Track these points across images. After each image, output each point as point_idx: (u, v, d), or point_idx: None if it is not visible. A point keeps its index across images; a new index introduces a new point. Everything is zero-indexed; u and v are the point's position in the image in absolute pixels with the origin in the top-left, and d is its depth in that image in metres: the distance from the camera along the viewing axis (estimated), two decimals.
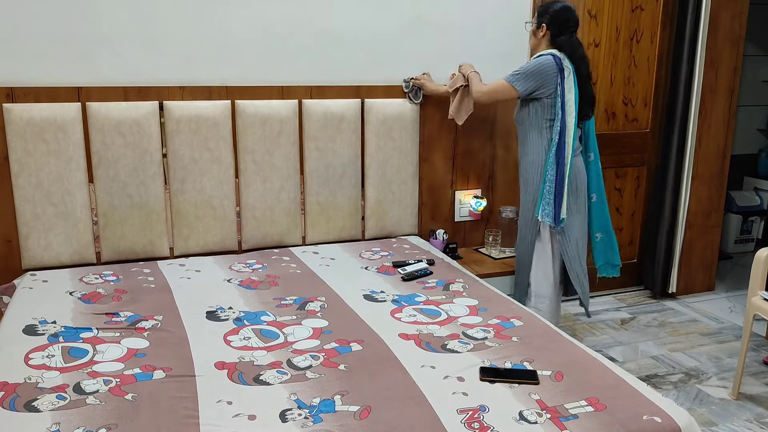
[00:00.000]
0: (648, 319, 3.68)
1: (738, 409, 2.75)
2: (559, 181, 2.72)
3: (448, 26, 3.32)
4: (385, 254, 3.03)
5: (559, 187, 2.72)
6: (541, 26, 2.78)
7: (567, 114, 2.68)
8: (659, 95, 3.85)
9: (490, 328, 2.18)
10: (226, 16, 2.94)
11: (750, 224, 4.84)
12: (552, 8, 2.77)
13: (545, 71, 2.69)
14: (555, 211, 2.73)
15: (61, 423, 1.60)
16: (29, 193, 2.72)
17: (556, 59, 2.70)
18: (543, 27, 2.77)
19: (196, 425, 1.61)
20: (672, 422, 1.62)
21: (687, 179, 3.81)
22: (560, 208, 2.73)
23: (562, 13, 2.76)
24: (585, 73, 2.78)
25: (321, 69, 3.13)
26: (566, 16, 2.76)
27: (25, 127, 2.66)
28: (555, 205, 2.73)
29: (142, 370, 1.88)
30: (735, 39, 3.77)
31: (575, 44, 2.75)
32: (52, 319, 2.22)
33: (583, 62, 2.77)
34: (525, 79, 2.72)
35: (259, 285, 2.60)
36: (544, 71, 2.69)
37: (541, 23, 2.78)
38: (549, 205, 2.74)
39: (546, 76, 2.69)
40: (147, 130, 2.82)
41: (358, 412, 1.66)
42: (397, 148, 3.25)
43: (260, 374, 1.86)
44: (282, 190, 3.08)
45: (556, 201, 2.73)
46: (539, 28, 2.79)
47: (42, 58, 2.73)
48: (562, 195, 2.72)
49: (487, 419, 1.63)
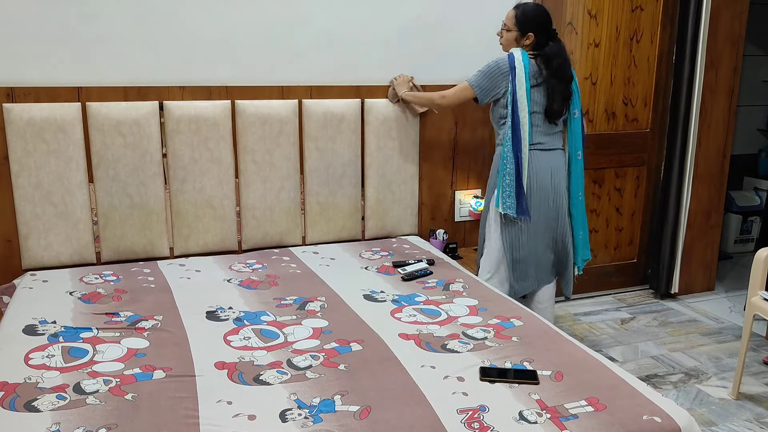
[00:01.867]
0: (648, 319, 3.68)
1: (738, 409, 2.75)
2: (519, 174, 2.70)
3: (447, 26, 3.32)
4: (385, 254, 3.03)
5: (520, 179, 2.70)
6: (528, 35, 2.71)
7: (519, 110, 2.68)
8: (659, 95, 3.85)
9: (490, 328, 2.18)
10: (226, 16, 2.94)
11: (750, 224, 4.84)
12: (539, 14, 2.72)
13: (497, 71, 2.70)
14: (517, 202, 2.70)
15: (61, 423, 1.60)
16: (29, 193, 2.72)
17: (510, 58, 2.69)
18: (530, 35, 2.71)
19: (196, 425, 1.61)
20: (672, 422, 1.62)
21: (687, 179, 3.81)
22: (522, 199, 2.70)
23: (547, 18, 2.73)
24: (563, 76, 2.71)
25: (321, 69, 3.13)
26: (547, 17, 2.73)
27: (25, 127, 2.66)
28: (517, 196, 2.70)
29: (142, 370, 1.88)
30: (735, 39, 3.77)
31: (559, 50, 2.72)
32: (52, 319, 2.22)
33: (567, 64, 2.73)
34: (480, 78, 2.73)
35: (259, 285, 2.60)
36: (496, 71, 2.70)
37: (528, 32, 2.72)
38: (510, 197, 2.71)
39: (498, 76, 2.70)
40: (147, 130, 2.82)
41: (358, 412, 1.66)
42: (397, 148, 3.25)
43: (260, 374, 1.86)
44: (282, 190, 3.08)
45: (518, 192, 2.70)
46: (524, 37, 2.73)
47: (42, 58, 2.73)
48: (522, 187, 2.70)
49: (487, 419, 1.63)
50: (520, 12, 2.75)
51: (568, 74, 2.73)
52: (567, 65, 2.74)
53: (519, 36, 2.74)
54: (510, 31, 2.77)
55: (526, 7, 2.76)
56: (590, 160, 3.80)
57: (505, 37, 2.80)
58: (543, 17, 2.73)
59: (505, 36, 2.79)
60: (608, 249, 3.98)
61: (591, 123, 3.75)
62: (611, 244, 3.98)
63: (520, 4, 2.79)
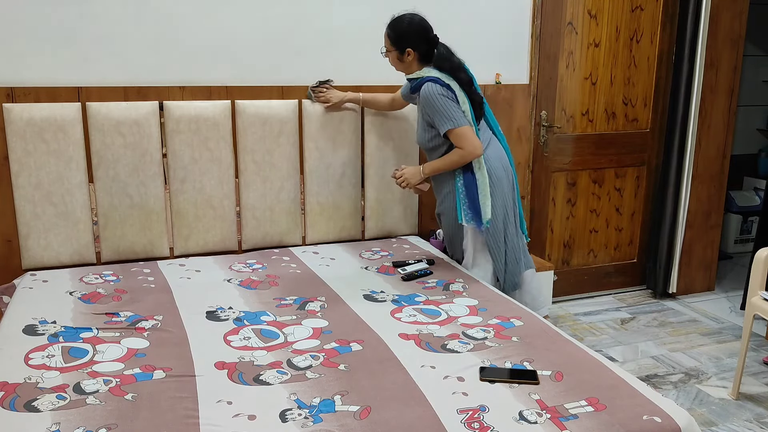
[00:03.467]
0: (648, 319, 3.68)
1: (738, 409, 2.75)
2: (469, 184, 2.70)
3: (448, 26, 3.31)
4: (385, 254, 3.03)
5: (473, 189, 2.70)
6: (407, 51, 2.67)
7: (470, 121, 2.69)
8: (659, 95, 3.85)
9: (490, 328, 2.18)
10: (226, 16, 2.94)
11: (750, 224, 4.84)
12: (410, 27, 2.66)
13: (447, 97, 2.63)
14: (475, 213, 2.70)
15: (61, 423, 1.60)
16: (29, 193, 2.72)
17: (440, 82, 2.64)
18: (409, 51, 2.67)
19: (196, 425, 1.61)
20: (672, 422, 1.62)
21: (687, 179, 3.81)
22: (481, 208, 2.70)
23: (422, 27, 2.67)
24: (466, 79, 2.71)
25: (321, 69, 3.13)
26: (426, 28, 2.68)
27: (25, 127, 2.66)
28: (473, 208, 2.70)
29: (142, 370, 1.88)
30: (735, 39, 3.77)
31: (448, 54, 2.71)
32: (52, 319, 2.22)
33: (462, 70, 2.72)
34: (453, 111, 2.63)
35: (259, 285, 2.60)
36: (447, 98, 2.63)
37: (406, 48, 2.67)
38: (470, 209, 2.72)
39: (451, 100, 2.64)
40: (147, 130, 2.82)
41: (358, 412, 1.66)
42: (397, 148, 3.25)
43: (260, 374, 1.86)
44: (282, 190, 3.08)
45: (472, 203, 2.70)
46: (404, 54, 2.68)
47: (42, 58, 2.73)
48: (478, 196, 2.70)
49: (487, 419, 1.63)
50: (391, 31, 2.70)
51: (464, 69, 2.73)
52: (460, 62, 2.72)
53: (399, 54, 2.70)
54: (390, 52, 2.73)
55: (396, 23, 2.69)
56: (590, 160, 3.81)
57: (390, 58, 2.76)
58: (416, 28, 2.67)
59: (389, 58, 2.76)
60: (608, 249, 3.98)
61: (591, 123, 3.76)
62: (611, 244, 3.98)
63: (392, 20, 2.71)
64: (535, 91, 3.57)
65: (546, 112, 3.63)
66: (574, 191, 3.81)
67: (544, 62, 3.56)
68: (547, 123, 3.64)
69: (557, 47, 3.57)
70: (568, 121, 3.70)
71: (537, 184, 3.71)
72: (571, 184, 3.79)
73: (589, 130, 3.76)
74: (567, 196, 3.80)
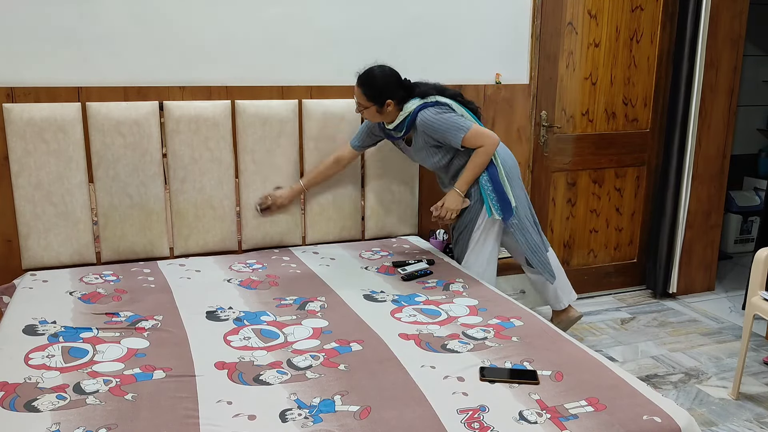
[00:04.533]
0: (648, 319, 3.68)
1: (738, 409, 2.75)
2: (493, 176, 2.77)
3: (448, 26, 3.32)
4: (385, 254, 3.03)
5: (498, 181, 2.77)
6: (387, 103, 2.70)
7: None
8: (659, 95, 3.85)
9: (490, 328, 2.18)
10: (226, 16, 2.94)
11: (750, 224, 4.84)
12: (384, 79, 2.70)
13: (448, 111, 2.71)
14: (503, 204, 2.77)
15: (61, 423, 1.60)
16: (29, 193, 2.72)
17: (428, 105, 2.71)
18: (389, 103, 2.71)
19: (196, 425, 1.61)
20: (672, 422, 1.62)
21: (687, 179, 3.81)
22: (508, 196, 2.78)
23: (394, 76, 2.72)
24: (454, 93, 2.81)
25: (321, 69, 3.13)
26: (397, 75, 2.73)
27: (25, 127, 2.66)
28: (502, 200, 2.77)
29: (142, 370, 1.88)
30: (735, 39, 3.77)
31: (426, 84, 2.79)
32: (52, 319, 2.22)
33: (445, 89, 2.80)
34: (460, 120, 2.70)
35: (259, 285, 2.60)
36: (448, 111, 2.71)
37: (386, 100, 2.70)
38: (499, 201, 2.78)
39: (451, 112, 2.72)
40: (147, 130, 2.82)
41: (358, 412, 1.66)
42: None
43: (260, 374, 1.86)
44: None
45: (500, 196, 2.77)
46: (384, 105, 2.71)
47: (42, 58, 2.73)
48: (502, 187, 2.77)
49: (487, 419, 1.63)
50: (365, 88, 2.70)
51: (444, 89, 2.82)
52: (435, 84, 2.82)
53: (378, 108, 2.73)
54: (368, 108, 2.74)
55: (368, 79, 2.70)
56: (590, 160, 3.81)
57: (366, 114, 2.78)
58: (389, 78, 2.71)
59: (366, 113, 2.78)
60: (608, 249, 3.98)
61: (591, 123, 3.76)
62: (611, 244, 3.98)
63: (360, 77, 2.72)
64: (535, 91, 3.57)
65: (546, 112, 3.63)
66: (574, 191, 3.81)
67: (544, 62, 3.56)
68: (547, 123, 3.64)
69: (557, 47, 3.57)
70: (568, 121, 3.70)
71: (537, 184, 3.71)
72: (571, 184, 3.79)
73: (589, 130, 3.76)
74: (567, 196, 3.80)
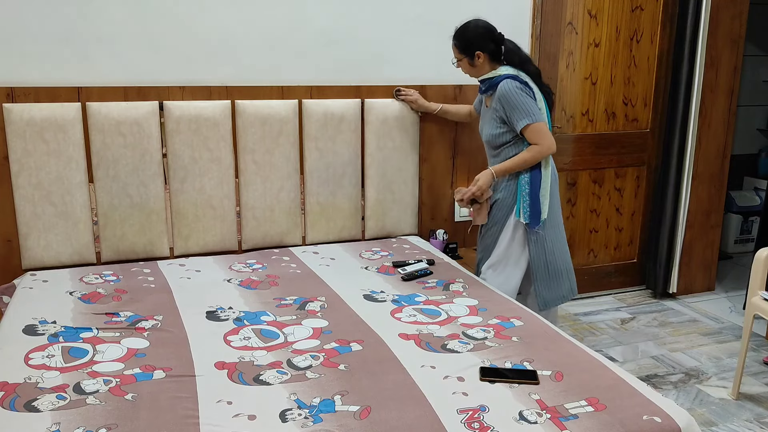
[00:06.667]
0: (648, 319, 3.68)
1: (738, 409, 2.75)
2: (535, 181, 2.70)
3: (448, 26, 3.31)
4: (385, 254, 3.03)
5: (537, 188, 2.70)
6: (476, 54, 2.70)
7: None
8: (659, 95, 3.85)
9: (490, 328, 2.18)
10: (226, 16, 2.94)
11: (750, 224, 4.84)
12: (474, 31, 2.70)
13: (524, 94, 2.64)
14: (534, 211, 2.70)
15: (61, 423, 1.60)
16: (29, 193, 2.72)
17: (518, 80, 2.66)
18: (479, 54, 2.70)
19: (196, 425, 1.61)
20: (672, 422, 1.62)
21: (687, 179, 3.81)
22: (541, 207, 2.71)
23: (485, 29, 2.71)
24: (534, 71, 2.75)
25: (321, 69, 3.13)
26: (490, 29, 2.72)
27: (25, 127, 2.66)
28: (533, 206, 2.70)
29: (142, 370, 1.88)
30: (735, 39, 3.77)
31: (516, 49, 2.74)
32: (52, 319, 2.22)
33: (530, 62, 2.75)
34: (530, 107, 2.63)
35: (259, 285, 2.60)
36: (524, 94, 2.64)
37: (475, 52, 2.70)
38: (530, 207, 2.71)
39: (528, 97, 2.65)
40: (147, 130, 2.82)
41: (358, 412, 1.66)
42: (397, 148, 3.25)
43: (260, 374, 1.86)
44: (282, 190, 3.08)
45: (533, 202, 2.70)
46: (475, 57, 2.71)
47: (42, 58, 2.73)
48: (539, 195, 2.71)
49: (487, 419, 1.63)
50: (457, 40, 2.74)
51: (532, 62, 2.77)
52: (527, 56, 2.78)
53: (469, 60, 2.73)
54: (461, 60, 2.76)
55: (461, 31, 2.73)
56: (590, 160, 3.81)
57: (462, 67, 2.79)
58: (480, 31, 2.71)
59: (461, 66, 2.78)
60: (608, 249, 3.98)
61: (591, 123, 3.76)
62: (611, 244, 3.98)
63: (456, 30, 2.75)
64: None
65: None
66: (574, 191, 3.81)
67: (544, 62, 3.55)
68: None
69: (557, 47, 3.57)
70: (568, 121, 3.70)
71: None
72: (571, 184, 3.79)
73: (589, 130, 3.76)
74: (567, 196, 3.80)
